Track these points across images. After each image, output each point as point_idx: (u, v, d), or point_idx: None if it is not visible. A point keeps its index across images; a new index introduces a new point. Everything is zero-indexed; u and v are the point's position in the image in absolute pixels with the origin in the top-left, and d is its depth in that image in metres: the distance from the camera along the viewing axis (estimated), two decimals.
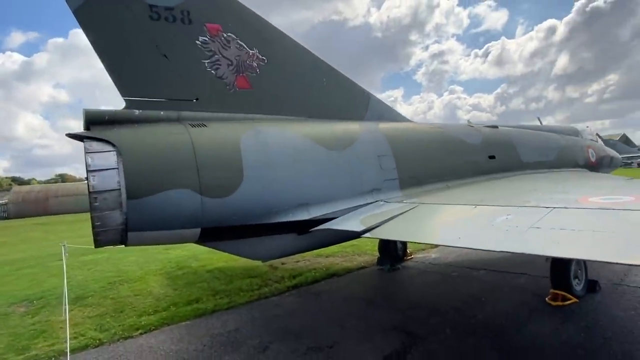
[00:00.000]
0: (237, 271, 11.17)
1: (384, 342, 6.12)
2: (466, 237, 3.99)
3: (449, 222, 4.63)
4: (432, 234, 4.59)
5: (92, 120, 4.92)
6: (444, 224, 4.63)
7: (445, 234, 4.34)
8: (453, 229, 4.37)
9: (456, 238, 4.07)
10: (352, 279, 10.23)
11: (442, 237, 4.33)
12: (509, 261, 10.68)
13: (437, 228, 4.63)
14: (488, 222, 4.24)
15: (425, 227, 4.82)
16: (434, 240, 4.49)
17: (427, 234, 4.66)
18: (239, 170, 5.26)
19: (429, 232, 4.67)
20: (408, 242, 8.54)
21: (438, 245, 11.51)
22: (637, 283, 8.07)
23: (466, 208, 5.01)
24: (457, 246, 4.00)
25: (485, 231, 4.04)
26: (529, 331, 6.17)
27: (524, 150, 9.64)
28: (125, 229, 4.66)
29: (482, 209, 4.79)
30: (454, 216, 4.83)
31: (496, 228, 4.03)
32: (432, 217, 5.11)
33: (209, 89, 5.90)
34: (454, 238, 4.08)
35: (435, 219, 5.01)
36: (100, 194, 4.42)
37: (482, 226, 4.18)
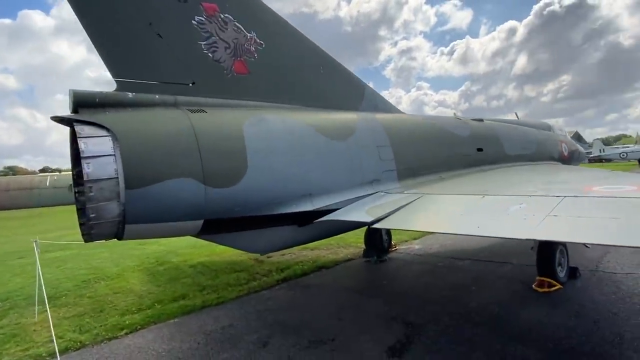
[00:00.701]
0: (222, 266, 10.81)
1: (385, 333, 6.10)
2: (485, 226, 4.00)
3: (461, 211, 4.63)
4: (448, 224, 4.57)
5: (81, 103, 4.48)
6: (457, 214, 4.63)
7: (462, 224, 4.33)
8: (469, 219, 4.37)
9: (475, 227, 4.07)
10: (341, 271, 10.18)
11: (460, 226, 4.31)
12: (492, 251, 11.06)
13: (452, 217, 4.62)
14: (503, 211, 4.27)
15: (439, 217, 4.80)
16: (453, 229, 4.47)
17: (443, 223, 4.64)
18: (243, 158, 5.00)
19: (445, 222, 4.65)
20: (423, 231, 8.48)
21: (443, 234, 11.73)
22: (610, 269, 8.55)
23: (474, 198, 5.04)
24: (477, 235, 3.99)
25: (503, 220, 4.07)
26: (523, 317, 6.37)
27: (507, 143, 9.94)
28: (122, 222, 4.29)
29: (490, 198, 4.83)
30: (464, 206, 4.84)
31: (513, 217, 4.06)
32: (442, 207, 5.10)
33: (206, 73, 5.56)
34: (472, 227, 4.08)
35: (446, 208, 5.00)
36: (96, 183, 4.02)
37: (499, 215, 4.21)
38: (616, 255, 9.52)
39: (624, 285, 7.48)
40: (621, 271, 8.32)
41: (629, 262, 8.92)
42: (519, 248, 11.21)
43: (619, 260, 9.06)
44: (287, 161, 5.47)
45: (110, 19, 4.83)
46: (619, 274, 8.14)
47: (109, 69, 4.83)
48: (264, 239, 6.00)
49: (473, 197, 5.08)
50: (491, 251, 11.12)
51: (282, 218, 5.62)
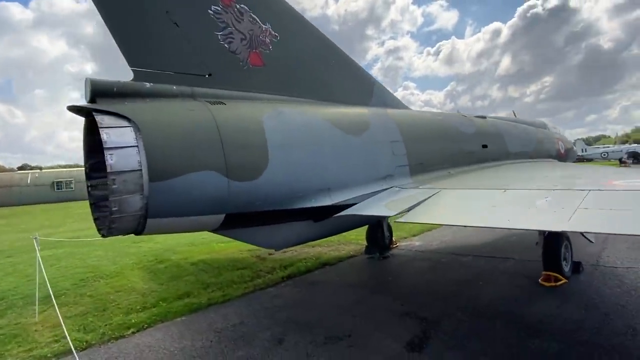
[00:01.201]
0: (224, 263, 10.65)
1: (401, 329, 6.09)
2: (516, 219, 4.01)
3: (487, 205, 4.64)
4: (477, 217, 4.56)
5: (99, 92, 4.30)
6: (483, 208, 4.63)
7: (492, 217, 4.32)
8: (497, 212, 4.37)
9: (505, 220, 4.07)
10: (345, 267, 10.15)
11: (490, 219, 4.30)
12: (493, 247, 11.21)
13: (480, 211, 4.61)
14: (529, 205, 4.29)
15: (466, 211, 4.79)
16: (482, 222, 4.46)
17: (471, 217, 4.62)
18: (264, 152, 4.90)
19: (473, 215, 4.63)
20: (451, 225, 8.44)
21: (467, 227, 11.76)
22: (610, 263, 8.76)
23: (495, 192, 5.06)
24: (508, 228, 3.99)
25: (532, 213, 4.09)
26: (534, 310, 6.45)
27: (510, 141, 10.07)
28: (144, 216, 4.14)
29: (512, 193, 4.85)
30: (488, 200, 4.85)
31: (542, 210, 4.09)
32: (465, 201, 5.10)
33: (222, 64, 5.43)
34: (503, 220, 4.08)
35: (470, 203, 5.01)
36: (120, 175, 3.87)
37: (526, 209, 4.22)
38: (614, 250, 9.77)
39: (627, 279, 7.66)
40: (621, 265, 8.52)
41: (627, 257, 9.15)
42: (518, 244, 11.44)
43: (617, 255, 9.28)
44: (306, 155, 5.39)
45: (128, 6, 4.66)
46: (619, 268, 8.33)
47: (126, 58, 4.66)
48: (280, 234, 5.92)
49: (494, 191, 5.11)
50: (492, 247, 11.27)
51: (301, 213, 5.54)
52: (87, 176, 4.95)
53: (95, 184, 4.99)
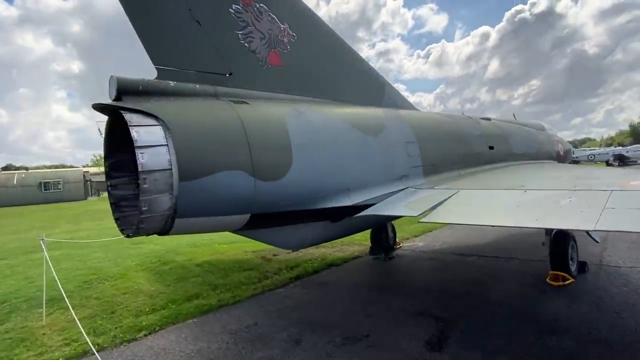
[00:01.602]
0: (229, 264, 10.56)
1: (417, 328, 6.11)
2: (544, 218, 4.07)
3: (510, 205, 4.69)
4: (504, 217, 4.60)
5: (125, 90, 4.24)
6: (508, 207, 4.68)
7: (519, 216, 4.38)
8: (524, 212, 4.43)
9: (533, 220, 4.13)
10: (352, 268, 10.16)
11: (517, 219, 4.36)
12: (494, 247, 11.34)
13: (505, 211, 4.66)
14: (554, 205, 4.36)
15: (491, 211, 4.83)
16: (510, 222, 4.51)
17: (498, 216, 4.66)
18: (288, 152, 4.89)
19: (499, 215, 4.67)
20: (475, 225, 8.42)
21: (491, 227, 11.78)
22: (613, 263, 8.93)
23: (515, 193, 5.12)
24: (536, 227, 4.05)
25: (560, 213, 4.15)
26: (546, 309, 6.54)
27: (514, 142, 10.22)
28: (172, 215, 4.09)
29: (533, 193, 4.92)
30: (510, 200, 4.90)
31: (569, 210, 4.15)
32: (487, 201, 5.15)
33: (242, 64, 5.41)
34: (530, 220, 4.14)
35: (493, 202, 5.06)
36: (150, 174, 3.82)
37: (552, 208, 4.29)
38: (615, 250, 9.97)
39: (632, 278, 7.82)
40: (624, 265, 8.70)
41: (628, 256, 9.35)
42: (520, 244, 11.60)
43: (619, 255, 9.47)
44: (327, 156, 5.39)
45: (152, 3, 4.61)
46: (623, 268, 8.51)
47: (150, 55, 4.61)
48: (298, 235, 5.91)
49: (514, 191, 5.17)
50: (494, 247, 11.40)
51: (321, 213, 5.55)
52: (107, 176, 4.87)
53: (115, 183, 4.91)
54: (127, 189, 4.96)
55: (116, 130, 4.62)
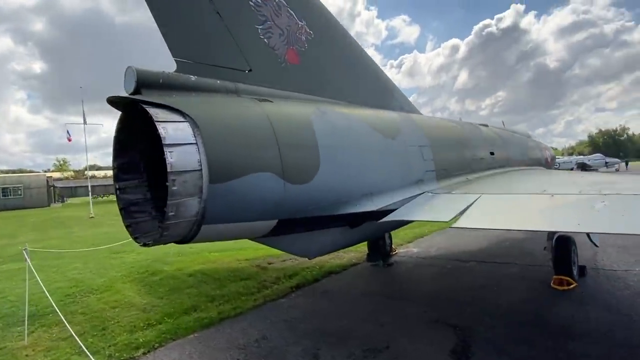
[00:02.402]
0: (223, 274, 10.04)
1: (438, 337, 5.94)
2: (586, 222, 4.00)
3: (544, 209, 4.59)
4: (543, 221, 4.50)
5: (144, 83, 3.83)
6: (542, 212, 4.58)
7: (559, 221, 4.30)
8: (561, 216, 4.35)
9: (575, 224, 4.05)
10: (352, 276, 9.91)
11: (558, 223, 4.28)
12: (490, 253, 11.44)
13: (541, 215, 4.55)
14: (590, 209, 4.30)
15: (527, 215, 4.69)
16: (551, 227, 4.45)
17: (537, 221, 4.55)
18: (316, 153, 4.61)
19: (537, 219, 4.56)
20: (512, 229, 8.28)
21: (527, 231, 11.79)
22: (608, 266, 9.15)
23: (541, 197, 5.06)
24: (578, 231, 3.96)
25: (601, 217, 4.08)
26: (560, 314, 6.53)
27: (511, 149, 10.39)
28: (199, 221, 3.71)
29: (561, 197, 4.86)
30: (540, 204, 4.81)
31: (608, 214, 4.10)
32: (516, 206, 5.04)
33: (262, 60, 5.10)
34: (572, 224, 4.06)
35: (523, 207, 4.95)
36: (180, 175, 3.43)
37: (590, 213, 4.22)
38: (604, 254, 10.22)
39: (630, 281, 8.01)
40: (619, 269, 8.93)
41: (620, 260, 9.61)
42: (514, 249, 11.76)
43: (611, 259, 9.73)
44: (351, 158, 5.15)
45: None
46: (618, 271, 8.72)
47: (169, 47, 4.23)
48: (318, 242, 5.61)
49: (539, 196, 5.10)
50: (489, 253, 11.49)
51: (343, 218, 5.28)
52: (115, 178, 4.40)
53: (123, 186, 4.44)
54: (136, 193, 4.50)
55: (128, 127, 4.21)
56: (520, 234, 13.63)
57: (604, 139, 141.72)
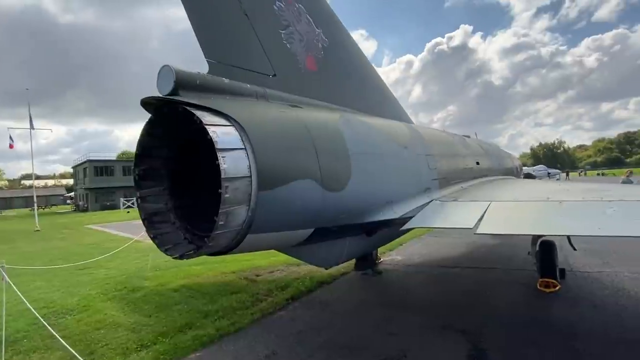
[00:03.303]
0: (210, 288, 9.54)
1: (451, 344, 6.01)
2: (607, 227, 4.25)
3: (561, 214, 4.83)
4: (564, 226, 4.71)
5: (182, 83, 3.59)
6: (556, 217, 4.80)
7: (580, 226, 4.52)
8: (580, 221, 4.60)
9: (596, 228, 4.29)
10: (345, 285, 9.83)
11: (580, 228, 4.50)
12: (471, 258, 11.91)
13: (562, 220, 4.76)
14: (602, 214, 4.59)
15: (547, 220, 4.89)
16: (574, 231, 4.65)
17: (559, 226, 4.74)
18: (348, 160, 4.55)
19: (559, 225, 4.74)
20: (536, 234, 8.18)
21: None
22: (582, 268, 9.81)
23: (550, 204, 5.34)
24: (599, 235, 4.19)
25: (615, 221, 4.36)
26: (555, 315, 6.90)
27: (491, 159, 10.94)
28: (244, 231, 3.49)
29: (570, 204, 5.17)
30: (552, 211, 5.06)
31: (622, 218, 4.41)
32: (530, 212, 5.27)
33: (285, 65, 5.00)
34: (593, 228, 4.30)
35: (539, 213, 5.18)
36: (232, 182, 3.22)
37: (605, 218, 4.50)
38: (573, 257, 10.89)
39: (605, 282, 8.66)
40: (592, 270, 9.63)
41: (589, 262, 10.34)
42: (492, 254, 12.33)
43: (581, 262, 10.42)
44: (375, 166, 5.15)
45: None
46: (593, 273, 9.40)
47: (202, 47, 4.06)
48: (337, 251, 5.51)
49: (547, 202, 5.39)
50: (469, 258, 11.96)
51: (366, 226, 5.24)
52: (136, 185, 4.05)
53: (145, 195, 4.10)
54: (158, 202, 4.17)
55: (154, 132, 3.91)
56: (493, 240, 14.39)
57: (544, 152, 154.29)
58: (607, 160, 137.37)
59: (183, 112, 3.40)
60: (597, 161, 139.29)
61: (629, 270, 9.32)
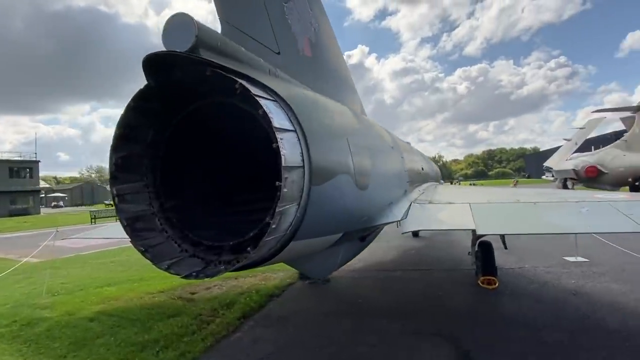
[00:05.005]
0: (138, 313, 7.85)
1: (434, 349, 5.86)
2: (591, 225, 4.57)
3: (547, 215, 5.07)
4: (553, 225, 4.81)
5: (204, 42, 2.68)
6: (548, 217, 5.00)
7: (569, 224, 4.72)
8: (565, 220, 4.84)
9: (584, 226, 4.59)
10: (297, 297, 9.14)
11: (572, 227, 4.72)
12: (406, 262, 12.34)
13: (549, 220, 4.91)
14: (578, 214, 4.97)
15: (535, 221, 4.98)
16: (565, 229, 4.84)
17: (548, 225, 4.82)
18: (371, 157, 4.07)
19: (547, 224, 4.83)
20: (528, 234, 8.14)
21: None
22: (506, 265, 10.69)
23: (525, 205, 5.63)
24: (586, 232, 4.48)
25: (594, 219, 4.70)
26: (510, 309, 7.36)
27: (428, 165, 11.54)
28: (288, 236, 2.72)
29: (545, 204, 5.52)
30: (532, 212, 5.29)
31: (598, 217, 4.79)
32: (512, 213, 5.41)
33: (287, 44, 4.37)
34: (581, 226, 4.58)
35: (523, 213, 5.35)
36: (291, 173, 2.45)
37: (583, 216, 4.84)
38: (509, 255, 11.98)
39: (529, 275, 9.72)
40: (514, 266, 10.69)
41: (508, 260, 11.43)
42: (424, 257, 13.00)
43: (501, 259, 11.21)
44: (384, 166, 4.77)
45: None
46: (515, 269, 10.44)
47: (216, 4, 3.14)
48: (332, 259, 4.92)
49: (526, 204, 5.67)
50: (405, 262, 12.39)
51: (365, 231, 4.79)
52: (112, 178, 2.89)
53: (123, 192, 2.96)
54: (139, 202, 3.07)
55: (144, 107, 2.86)
56: (418, 243, 15.29)
57: None
58: (475, 172, 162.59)
59: (213, 77, 2.50)
60: (468, 173, 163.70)
61: (543, 265, 10.67)
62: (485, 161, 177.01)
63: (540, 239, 13.79)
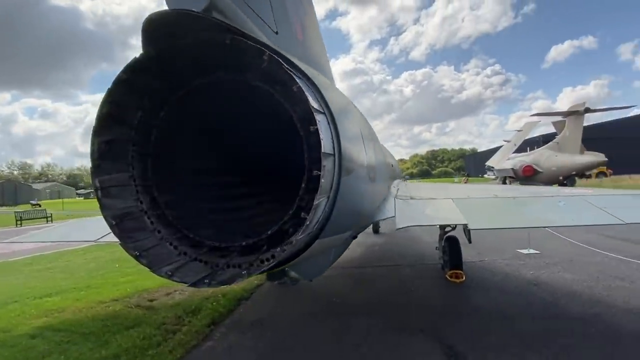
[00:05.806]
0: (90, 325, 6.94)
1: (421, 346, 5.80)
2: (575, 218, 4.75)
3: (533, 209, 5.20)
4: (540, 220, 4.90)
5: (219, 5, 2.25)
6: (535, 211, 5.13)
7: (553, 218, 4.85)
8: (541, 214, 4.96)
9: (569, 219, 4.76)
10: (268, 299, 8.72)
11: (560, 220, 4.83)
12: (368, 259, 12.39)
13: (532, 215, 5.04)
14: (556, 207, 5.17)
15: (522, 215, 5.06)
16: (557, 223, 4.92)
17: (535, 219, 4.92)
18: (378, 149, 3.82)
19: (534, 218, 4.93)
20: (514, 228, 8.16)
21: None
22: (467, 260, 11.15)
23: (505, 200, 5.78)
24: (571, 225, 4.64)
25: (574, 213, 4.89)
26: (481, 301, 7.57)
27: (393, 162, 11.64)
28: (315, 234, 2.40)
29: (522, 199, 5.71)
30: (516, 207, 5.44)
31: (576, 211, 5.00)
32: (496, 208, 5.49)
33: (283, 24, 3.98)
34: (568, 219, 4.74)
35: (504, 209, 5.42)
36: (327, 160, 2.12)
37: (561, 210, 5.03)
38: (469, 249, 12.42)
39: (490, 268, 10.18)
40: (474, 260, 11.16)
41: (468, 253, 11.97)
42: (388, 253, 13.16)
43: (483, 253, 12.00)
44: (381, 159, 4.54)
45: None
46: (476, 262, 10.91)
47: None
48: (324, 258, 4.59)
49: (506, 199, 5.81)
50: (372, 258, 12.45)
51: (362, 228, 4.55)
52: (94, 168, 2.36)
53: (107, 184, 2.43)
54: (126, 197, 2.55)
55: (135, 81, 2.37)
56: (380, 239, 15.50)
57: None
58: (420, 171, 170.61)
59: (232, 46, 2.09)
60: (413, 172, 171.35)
61: (500, 258, 11.25)
62: (429, 161, 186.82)
63: (491, 233, 14.60)
